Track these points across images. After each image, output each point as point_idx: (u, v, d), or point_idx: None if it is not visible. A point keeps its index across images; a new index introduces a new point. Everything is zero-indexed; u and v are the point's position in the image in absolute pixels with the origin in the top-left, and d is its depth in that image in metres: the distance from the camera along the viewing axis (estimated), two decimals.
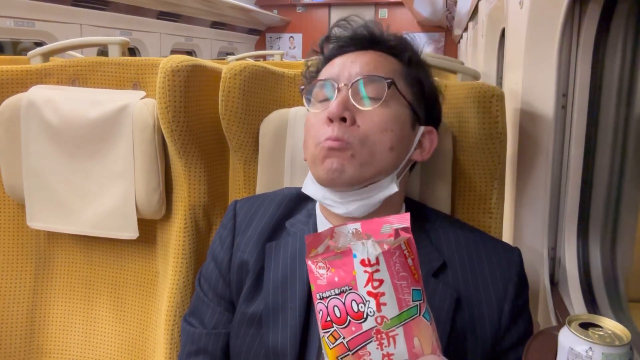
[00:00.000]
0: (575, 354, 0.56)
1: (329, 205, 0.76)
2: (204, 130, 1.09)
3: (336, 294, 0.54)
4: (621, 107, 1.06)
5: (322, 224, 0.80)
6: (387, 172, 0.74)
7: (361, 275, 0.54)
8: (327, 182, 0.73)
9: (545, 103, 1.06)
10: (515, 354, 0.74)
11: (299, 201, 0.83)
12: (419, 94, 0.78)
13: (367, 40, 0.79)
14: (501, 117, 0.91)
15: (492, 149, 0.93)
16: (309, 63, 0.85)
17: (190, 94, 1.04)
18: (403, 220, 0.58)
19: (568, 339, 0.57)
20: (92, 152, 1.13)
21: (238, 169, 1.05)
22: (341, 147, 0.70)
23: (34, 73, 1.21)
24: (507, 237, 1.17)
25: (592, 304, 1.08)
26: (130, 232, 1.13)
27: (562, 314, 1.03)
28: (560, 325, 0.62)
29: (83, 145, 1.13)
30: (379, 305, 0.53)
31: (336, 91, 0.73)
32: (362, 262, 0.54)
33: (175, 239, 1.11)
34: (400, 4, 7.16)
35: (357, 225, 0.59)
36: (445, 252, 0.76)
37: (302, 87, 0.80)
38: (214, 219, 1.14)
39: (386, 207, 0.76)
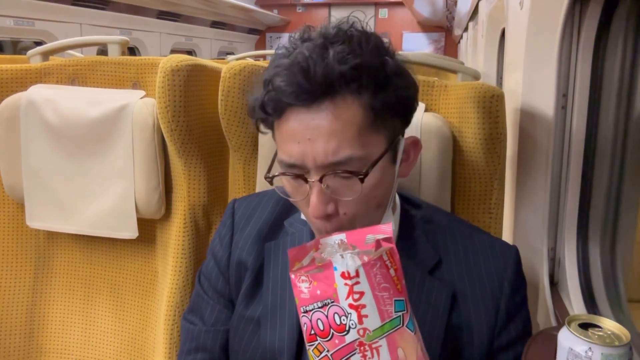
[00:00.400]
0: (574, 354, 0.56)
1: None
2: (203, 129, 1.09)
3: (319, 307, 0.55)
4: (621, 107, 1.06)
5: None
6: (382, 216, 0.73)
7: (342, 287, 0.54)
8: None
9: (545, 103, 1.06)
10: (515, 352, 0.73)
11: None
12: (390, 115, 0.67)
13: (310, 94, 0.63)
14: (501, 117, 0.91)
15: (492, 149, 0.93)
16: (252, 108, 0.70)
17: (190, 94, 1.04)
18: (385, 230, 0.58)
19: (568, 339, 0.57)
20: (92, 152, 1.13)
21: (238, 168, 1.05)
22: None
23: (34, 72, 1.21)
24: (507, 237, 1.17)
25: (591, 304, 1.08)
26: (130, 231, 1.13)
27: (562, 314, 1.03)
28: (559, 325, 0.62)
29: (82, 145, 1.13)
30: (360, 318, 0.54)
31: (306, 185, 0.66)
32: (343, 275, 0.54)
33: (174, 239, 1.11)
34: (400, 4, 7.16)
35: (342, 236, 0.59)
36: (442, 249, 0.76)
37: (267, 176, 0.70)
38: (214, 218, 1.14)
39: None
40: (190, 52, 6.01)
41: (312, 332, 0.55)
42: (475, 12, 3.29)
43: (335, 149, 0.63)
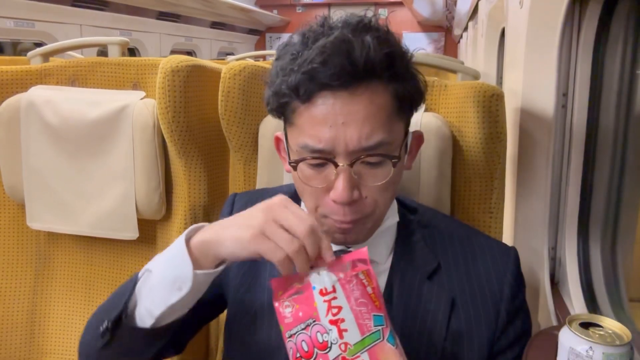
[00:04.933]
0: (575, 354, 0.56)
1: None
2: (203, 130, 1.09)
3: (302, 329, 0.56)
4: (621, 107, 1.06)
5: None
6: (389, 210, 0.74)
7: (321, 305, 0.56)
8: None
9: (545, 103, 1.06)
10: (513, 353, 0.73)
11: (297, 200, 0.83)
12: (408, 108, 0.70)
13: (351, 76, 0.63)
14: (501, 117, 0.91)
15: (492, 148, 0.93)
16: (276, 92, 0.67)
17: (190, 94, 1.04)
18: (361, 254, 0.60)
19: (568, 339, 0.57)
20: (92, 153, 1.13)
21: (238, 169, 1.05)
22: (354, 226, 0.68)
23: (34, 73, 1.21)
24: (507, 236, 1.17)
25: (592, 304, 1.08)
26: (131, 232, 1.13)
27: (563, 314, 1.03)
28: (560, 325, 0.62)
29: (83, 146, 1.13)
30: (340, 332, 0.55)
31: (334, 169, 0.65)
32: (321, 292, 0.56)
33: (175, 239, 1.11)
34: (400, 4, 7.16)
35: (324, 269, 0.60)
36: (440, 254, 0.76)
37: (292, 161, 0.68)
38: (214, 219, 1.13)
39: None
40: (190, 53, 6.00)
41: (298, 354, 0.56)
42: (475, 11, 3.29)
43: (369, 134, 0.63)
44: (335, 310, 0.55)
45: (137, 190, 1.11)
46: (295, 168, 0.68)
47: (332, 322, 0.55)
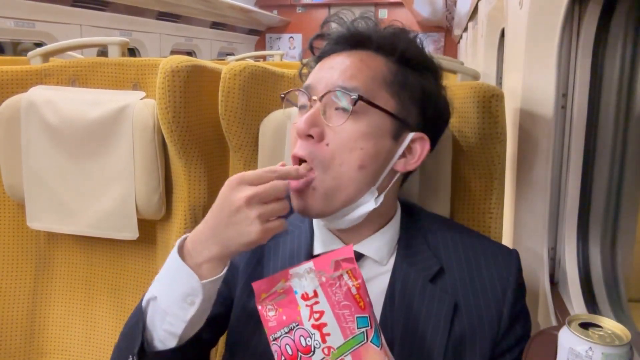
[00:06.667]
0: (575, 354, 0.56)
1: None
2: (204, 130, 1.09)
3: (286, 333, 0.57)
4: (621, 107, 1.06)
5: (316, 222, 0.80)
6: (361, 191, 0.71)
7: (304, 309, 0.57)
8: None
9: (545, 103, 1.06)
10: (512, 355, 0.74)
11: None
12: (410, 97, 0.72)
13: (354, 39, 0.74)
14: (501, 117, 0.91)
15: (492, 149, 0.93)
16: (305, 61, 0.83)
17: (190, 95, 1.04)
18: (346, 252, 0.60)
19: (568, 339, 0.57)
20: (92, 153, 1.13)
21: (238, 169, 1.05)
22: (299, 189, 0.69)
23: (34, 73, 1.21)
24: (507, 237, 1.17)
25: (592, 304, 1.08)
26: (131, 232, 1.13)
27: (562, 314, 1.03)
28: (560, 325, 0.62)
29: (83, 146, 1.13)
30: (323, 337, 0.56)
31: (309, 103, 0.71)
32: (303, 297, 0.57)
33: (175, 240, 1.10)
34: (400, 4, 7.16)
35: (310, 264, 0.60)
36: (443, 257, 0.76)
37: (283, 94, 0.78)
38: None
39: (374, 218, 0.75)
40: (190, 53, 6.00)
41: (283, 358, 0.57)
42: (474, 12, 3.29)
43: (348, 77, 0.70)
44: (317, 315, 0.56)
45: (137, 190, 1.11)
46: (282, 100, 0.78)
47: (314, 327, 0.56)
